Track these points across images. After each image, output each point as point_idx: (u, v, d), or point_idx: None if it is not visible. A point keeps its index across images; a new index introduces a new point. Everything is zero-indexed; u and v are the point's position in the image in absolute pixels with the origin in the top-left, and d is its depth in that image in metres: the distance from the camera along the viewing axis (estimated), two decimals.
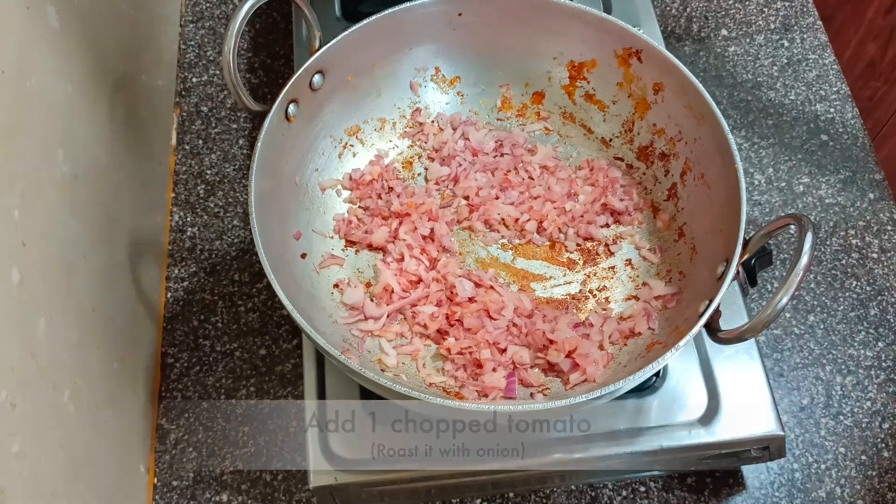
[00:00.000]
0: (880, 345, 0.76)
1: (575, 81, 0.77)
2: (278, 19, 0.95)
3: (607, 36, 0.72)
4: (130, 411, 0.69)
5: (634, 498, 0.70)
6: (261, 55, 0.93)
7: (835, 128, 0.88)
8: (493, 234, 0.74)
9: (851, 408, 0.73)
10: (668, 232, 0.72)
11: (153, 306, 0.77)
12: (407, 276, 0.70)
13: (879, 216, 0.83)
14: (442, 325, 0.67)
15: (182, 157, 0.86)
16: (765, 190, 0.84)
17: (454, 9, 0.73)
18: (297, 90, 0.67)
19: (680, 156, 0.71)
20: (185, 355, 0.76)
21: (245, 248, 0.81)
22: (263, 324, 0.77)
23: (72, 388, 0.57)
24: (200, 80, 0.91)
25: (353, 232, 0.73)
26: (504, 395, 0.63)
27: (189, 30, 0.94)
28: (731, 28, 0.95)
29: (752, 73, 0.92)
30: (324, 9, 0.83)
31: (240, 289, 0.79)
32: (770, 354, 0.76)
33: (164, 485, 0.70)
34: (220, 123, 0.88)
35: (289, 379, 0.74)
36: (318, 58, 0.68)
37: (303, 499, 0.70)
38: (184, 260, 0.80)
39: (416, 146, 0.79)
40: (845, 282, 0.79)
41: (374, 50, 0.73)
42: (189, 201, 0.83)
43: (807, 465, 0.71)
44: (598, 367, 0.64)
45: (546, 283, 0.72)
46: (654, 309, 0.68)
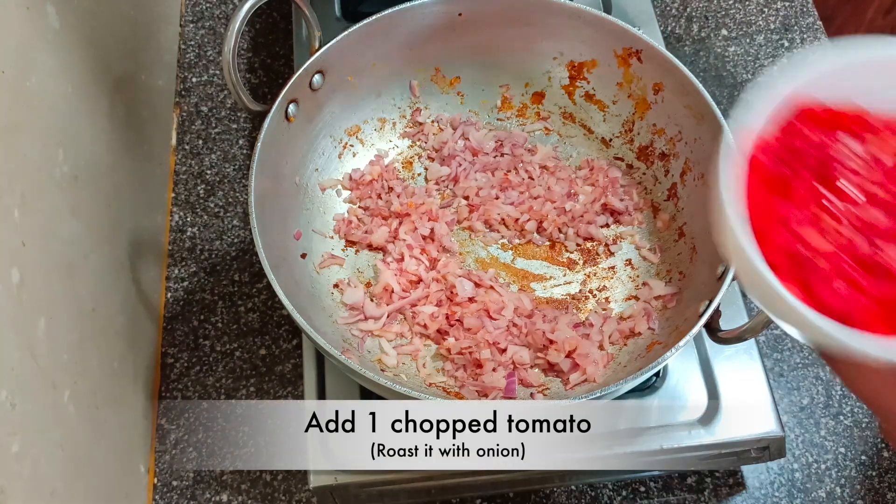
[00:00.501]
0: None
1: (575, 81, 0.77)
2: (278, 19, 0.95)
3: (607, 36, 0.72)
4: (130, 411, 0.69)
5: (634, 498, 0.70)
6: (261, 55, 0.93)
7: None
8: (493, 234, 0.74)
9: (851, 408, 0.73)
10: (668, 232, 0.72)
11: (153, 306, 0.77)
12: (407, 276, 0.70)
13: None
14: (442, 325, 0.67)
15: (182, 157, 0.86)
16: None
17: (454, 9, 0.73)
18: (297, 90, 0.67)
19: (680, 156, 0.71)
20: (185, 355, 0.76)
21: (245, 248, 0.81)
22: (263, 324, 0.77)
23: (72, 388, 0.57)
24: (200, 80, 0.91)
25: (353, 232, 0.73)
26: (504, 395, 0.63)
27: (189, 30, 0.94)
28: (731, 28, 0.95)
29: (752, 73, 0.92)
30: (324, 9, 0.83)
31: (240, 289, 0.79)
32: (770, 354, 0.76)
33: (164, 485, 0.70)
34: (220, 123, 0.88)
35: (289, 379, 0.74)
36: (318, 58, 0.68)
37: (303, 499, 0.70)
38: (184, 260, 0.80)
39: (416, 146, 0.79)
40: None
41: (374, 50, 0.73)
42: (189, 201, 0.83)
43: (807, 465, 0.71)
44: (598, 367, 0.64)
45: (546, 283, 0.72)
46: (654, 309, 0.68)
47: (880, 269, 0.33)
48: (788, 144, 0.37)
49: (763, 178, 0.37)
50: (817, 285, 0.34)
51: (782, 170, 0.37)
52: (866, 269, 0.34)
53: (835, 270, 0.34)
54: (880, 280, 0.33)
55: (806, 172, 0.36)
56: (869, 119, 0.37)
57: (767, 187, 0.36)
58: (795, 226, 0.35)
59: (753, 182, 0.36)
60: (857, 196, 0.35)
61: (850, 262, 0.34)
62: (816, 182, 0.36)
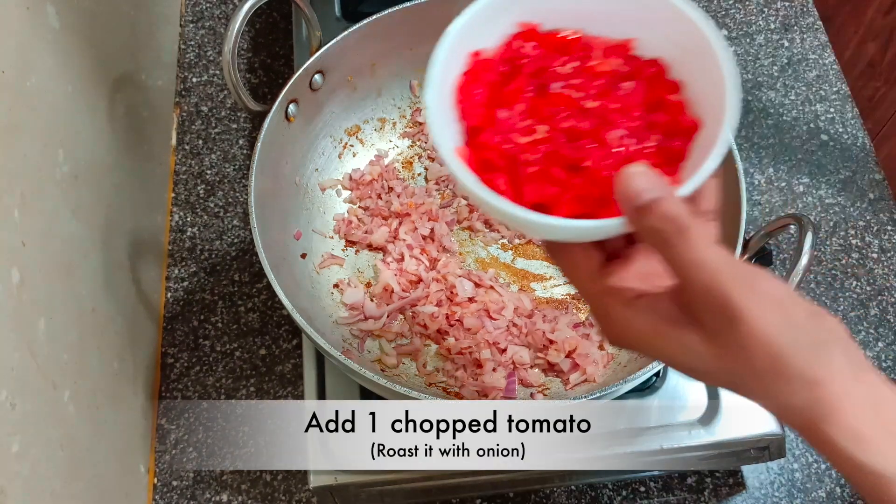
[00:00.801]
0: (880, 345, 0.76)
1: None
2: (278, 19, 0.95)
3: None
4: (130, 411, 0.69)
5: (634, 498, 0.70)
6: (261, 55, 0.93)
7: (835, 128, 0.88)
8: (493, 234, 0.74)
9: None
10: None
11: (153, 306, 0.77)
12: (407, 276, 0.70)
13: (879, 216, 0.83)
14: (442, 325, 0.67)
15: (182, 157, 0.86)
16: (765, 190, 0.84)
17: (454, 9, 0.72)
18: (297, 90, 0.67)
19: None
20: (185, 355, 0.76)
21: (245, 248, 0.81)
22: (263, 324, 0.77)
23: (72, 388, 0.57)
24: (200, 80, 0.91)
25: (353, 232, 0.73)
26: (504, 395, 0.63)
27: (189, 30, 0.94)
28: (731, 28, 0.95)
29: (752, 73, 0.92)
30: (324, 9, 0.83)
31: (240, 289, 0.79)
32: None
33: (164, 485, 0.70)
34: (220, 123, 0.88)
35: (289, 379, 0.74)
36: (318, 58, 0.68)
37: (303, 499, 0.70)
38: (184, 260, 0.80)
39: (416, 146, 0.79)
40: (845, 282, 0.79)
41: (374, 50, 0.73)
42: (189, 201, 0.83)
43: (807, 465, 0.71)
44: (598, 367, 0.64)
45: (546, 283, 0.72)
46: None
47: (577, 166, 0.38)
48: (508, 58, 0.42)
49: (481, 84, 0.41)
50: (523, 180, 0.38)
51: (497, 78, 0.41)
52: (565, 165, 0.38)
53: (538, 166, 0.38)
54: (576, 173, 0.38)
55: (521, 81, 0.41)
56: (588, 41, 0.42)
57: (485, 93, 0.41)
58: (507, 127, 0.39)
59: (470, 89, 0.41)
60: (567, 103, 0.40)
61: (552, 159, 0.38)
62: (529, 89, 0.40)
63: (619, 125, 0.39)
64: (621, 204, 0.34)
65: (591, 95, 0.40)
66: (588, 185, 0.38)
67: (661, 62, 0.41)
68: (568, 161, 0.38)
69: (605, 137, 0.38)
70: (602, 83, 0.40)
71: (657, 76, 0.41)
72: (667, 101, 0.40)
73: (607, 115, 0.39)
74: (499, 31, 0.43)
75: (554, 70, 0.41)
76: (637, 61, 0.42)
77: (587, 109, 0.39)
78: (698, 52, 0.39)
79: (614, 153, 0.38)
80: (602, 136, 0.39)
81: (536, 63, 0.41)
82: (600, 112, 0.39)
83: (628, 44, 0.42)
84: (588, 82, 0.40)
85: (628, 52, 0.42)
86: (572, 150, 0.38)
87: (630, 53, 0.42)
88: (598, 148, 0.38)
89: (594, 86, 0.40)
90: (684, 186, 0.36)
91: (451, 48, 0.41)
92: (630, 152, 0.38)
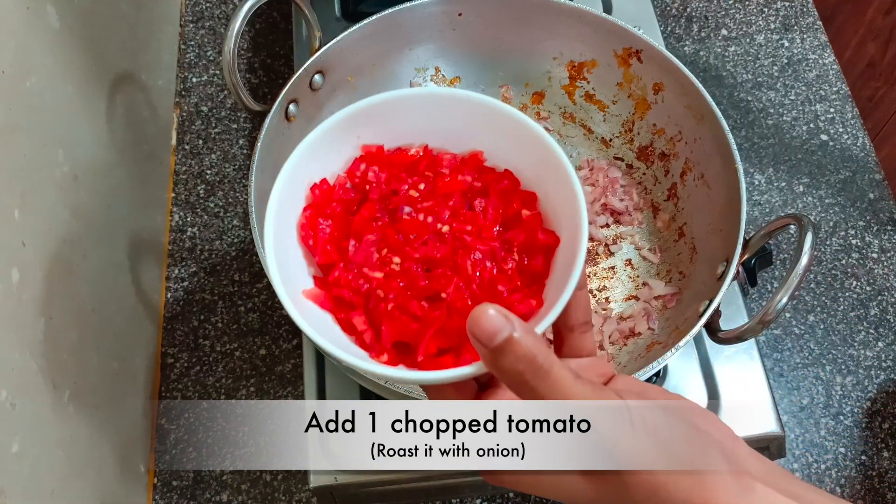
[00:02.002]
0: (880, 345, 0.76)
1: (575, 81, 0.77)
2: (278, 19, 0.95)
3: (607, 36, 0.72)
4: (130, 411, 0.69)
5: None
6: (261, 55, 0.93)
7: (835, 128, 0.88)
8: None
9: (851, 408, 0.73)
10: (668, 232, 0.72)
11: (153, 306, 0.77)
12: None
13: (879, 216, 0.83)
14: None
15: (182, 157, 0.86)
16: (765, 190, 0.84)
17: (454, 9, 0.73)
18: (297, 90, 0.67)
19: (680, 156, 0.71)
20: (185, 355, 0.76)
21: (245, 248, 0.81)
22: (263, 324, 0.77)
23: (72, 388, 0.57)
24: (200, 80, 0.91)
25: None
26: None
27: (189, 30, 0.94)
28: (731, 28, 0.95)
29: (752, 73, 0.92)
30: (324, 9, 0.83)
31: (240, 289, 0.79)
32: (770, 354, 0.76)
33: (164, 485, 0.70)
34: (220, 123, 0.88)
35: (289, 379, 0.74)
36: (318, 58, 0.68)
37: (303, 499, 0.70)
38: (184, 260, 0.80)
39: None
40: (845, 282, 0.79)
41: (374, 50, 0.73)
42: (189, 201, 0.83)
43: (807, 465, 0.71)
44: None
45: None
46: (654, 309, 0.68)
47: (436, 297, 0.36)
48: (354, 184, 0.40)
49: (328, 216, 0.39)
50: (381, 317, 0.36)
51: (345, 208, 0.39)
52: (423, 297, 0.36)
53: (395, 302, 0.36)
54: (435, 305, 0.35)
55: (370, 208, 0.39)
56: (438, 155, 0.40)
57: (334, 226, 0.39)
58: (360, 261, 0.37)
59: (316, 223, 0.38)
60: (420, 228, 0.38)
61: (409, 292, 0.36)
62: (379, 216, 0.39)
63: (475, 248, 0.37)
64: (476, 347, 0.32)
65: (443, 219, 0.38)
66: (449, 317, 0.35)
67: (513, 174, 0.40)
68: (425, 292, 0.36)
69: (462, 263, 0.36)
70: (454, 203, 0.38)
71: (511, 189, 0.39)
72: (522, 219, 0.38)
73: (462, 238, 0.37)
74: (342, 157, 0.40)
75: (404, 193, 0.39)
76: (491, 174, 0.40)
77: (441, 234, 0.37)
78: (547, 164, 0.38)
79: (473, 279, 0.36)
80: (459, 262, 0.36)
81: (384, 187, 0.39)
82: (455, 235, 0.37)
83: (480, 155, 0.40)
84: (440, 203, 0.38)
85: (481, 164, 0.40)
86: (429, 281, 0.36)
87: (483, 164, 0.40)
88: (455, 275, 0.36)
89: (447, 206, 0.38)
90: (541, 322, 0.34)
91: (289, 182, 0.38)
92: (490, 276, 0.36)
